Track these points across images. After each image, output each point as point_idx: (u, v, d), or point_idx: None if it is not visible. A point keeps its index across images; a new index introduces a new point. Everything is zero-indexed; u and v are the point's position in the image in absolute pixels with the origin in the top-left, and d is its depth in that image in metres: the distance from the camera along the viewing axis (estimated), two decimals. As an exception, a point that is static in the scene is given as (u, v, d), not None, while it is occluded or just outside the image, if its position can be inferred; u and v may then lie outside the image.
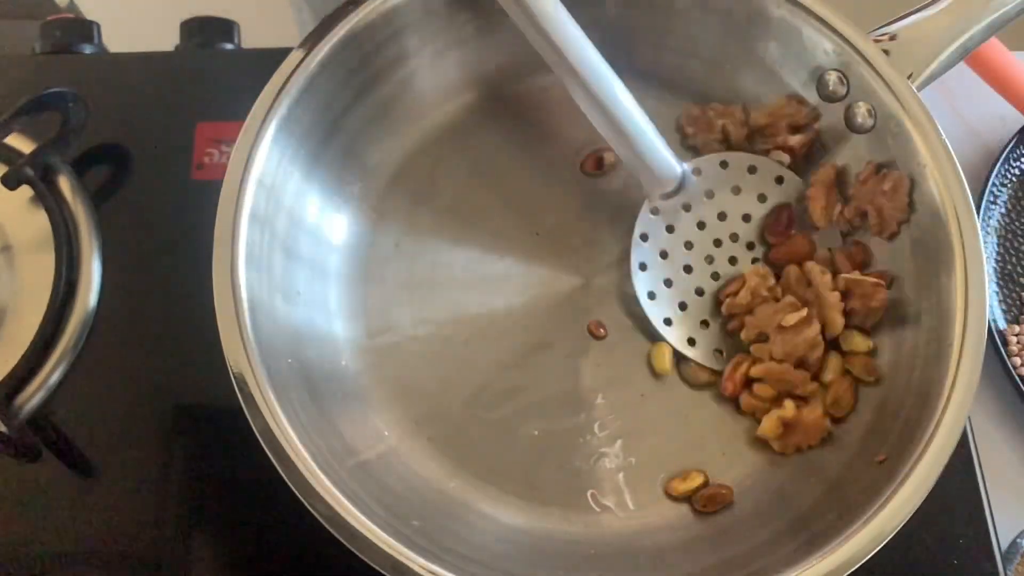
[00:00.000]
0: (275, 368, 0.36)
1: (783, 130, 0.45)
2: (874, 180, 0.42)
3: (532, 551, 0.39)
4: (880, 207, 0.42)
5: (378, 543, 0.33)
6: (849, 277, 0.41)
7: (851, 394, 0.41)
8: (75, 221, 0.48)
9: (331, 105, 0.42)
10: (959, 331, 0.37)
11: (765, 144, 0.45)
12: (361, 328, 0.43)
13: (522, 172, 0.47)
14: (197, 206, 0.48)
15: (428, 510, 0.39)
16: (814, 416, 0.40)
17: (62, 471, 0.43)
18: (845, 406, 0.41)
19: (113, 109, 0.51)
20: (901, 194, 0.41)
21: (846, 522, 0.34)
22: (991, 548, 0.43)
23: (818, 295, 0.41)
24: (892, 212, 0.41)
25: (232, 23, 0.56)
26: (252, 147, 0.38)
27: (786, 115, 0.44)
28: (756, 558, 0.36)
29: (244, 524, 0.42)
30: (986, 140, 0.57)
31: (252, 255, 0.37)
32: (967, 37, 0.41)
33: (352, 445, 0.39)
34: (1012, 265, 0.53)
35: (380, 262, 0.45)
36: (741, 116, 0.46)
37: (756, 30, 0.43)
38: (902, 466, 0.35)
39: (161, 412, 0.45)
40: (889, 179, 0.41)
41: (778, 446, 0.41)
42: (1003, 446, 0.49)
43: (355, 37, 0.41)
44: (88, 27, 0.55)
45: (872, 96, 0.41)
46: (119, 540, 0.42)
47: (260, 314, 0.37)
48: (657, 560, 0.39)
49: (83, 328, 0.46)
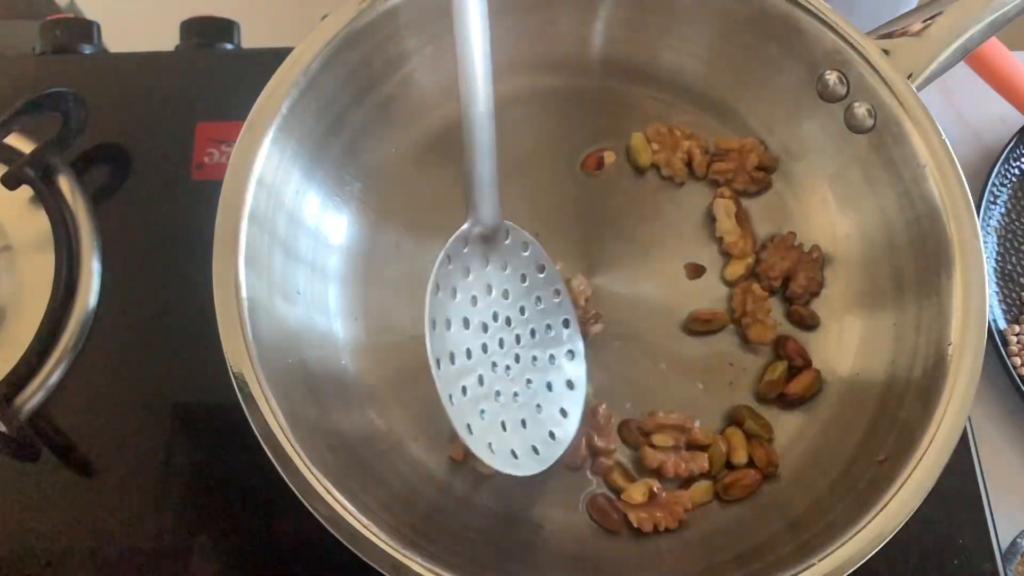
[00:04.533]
0: (275, 368, 0.36)
1: (744, 169, 0.46)
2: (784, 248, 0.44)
3: (534, 551, 0.39)
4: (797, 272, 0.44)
5: (378, 543, 0.33)
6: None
7: (748, 481, 0.40)
8: (75, 221, 0.48)
9: (331, 105, 0.42)
10: (959, 331, 0.37)
11: (718, 176, 0.46)
12: (361, 328, 0.43)
13: (521, 172, 0.46)
14: (197, 206, 0.48)
15: (429, 510, 0.39)
16: (677, 497, 0.40)
17: (62, 471, 0.43)
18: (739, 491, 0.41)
19: (113, 109, 0.51)
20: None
21: (846, 523, 0.34)
22: (991, 548, 0.43)
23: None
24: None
25: (232, 23, 0.56)
26: (252, 147, 0.38)
27: (752, 151, 0.46)
28: (754, 559, 0.36)
29: (244, 524, 0.42)
30: (986, 140, 0.57)
31: (252, 255, 0.37)
32: (967, 37, 0.41)
33: (352, 445, 0.39)
34: (1012, 265, 0.53)
35: (380, 262, 0.45)
36: (706, 144, 0.46)
37: (756, 30, 0.43)
38: (902, 466, 0.35)
39: (161, 412, 0.45)
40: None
41: (634, 516, 0.39)
42: (1003, 446, 0.49)
43: (355, 37, 0.41)
44: (88, 27, 0.55)
45: (872, 96, 0.41)
46: (119, 540, 0.42)
47: (260, 314, 0.37)
48: (654, 562, 0.39)
49: (83, 328, 0.46)
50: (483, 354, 0.39)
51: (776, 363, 0.43)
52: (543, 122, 0.48)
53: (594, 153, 0.47)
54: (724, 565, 0.37)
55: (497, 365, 0.39)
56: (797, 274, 0.44)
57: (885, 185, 0.42)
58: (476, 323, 0.39)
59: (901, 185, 0.41)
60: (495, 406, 0.38)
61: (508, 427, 0.38)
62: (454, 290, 0.39)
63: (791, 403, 0.42)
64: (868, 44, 0.41)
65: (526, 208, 0.46)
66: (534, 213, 0.46)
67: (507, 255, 0.40)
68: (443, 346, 0.37)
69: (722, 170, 0.46)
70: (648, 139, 0.47)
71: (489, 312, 0.40)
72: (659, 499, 0.40)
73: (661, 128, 0.47)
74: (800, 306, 0.44)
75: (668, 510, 0.40)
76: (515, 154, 0.47)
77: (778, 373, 0.42)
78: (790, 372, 0.43)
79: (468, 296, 0.39)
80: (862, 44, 0.41)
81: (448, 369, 0.37)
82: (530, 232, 0.42)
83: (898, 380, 0.40)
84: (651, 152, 0.47)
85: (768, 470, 0.41)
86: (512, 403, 0.39)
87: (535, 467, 0.38)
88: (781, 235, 0.45)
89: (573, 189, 0.47)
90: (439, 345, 0.37)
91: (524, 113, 0.47)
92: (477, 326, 0.39)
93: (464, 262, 0.39)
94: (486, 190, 0.38)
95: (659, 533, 0.40)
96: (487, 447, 0.37)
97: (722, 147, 0.47)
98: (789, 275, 0.44)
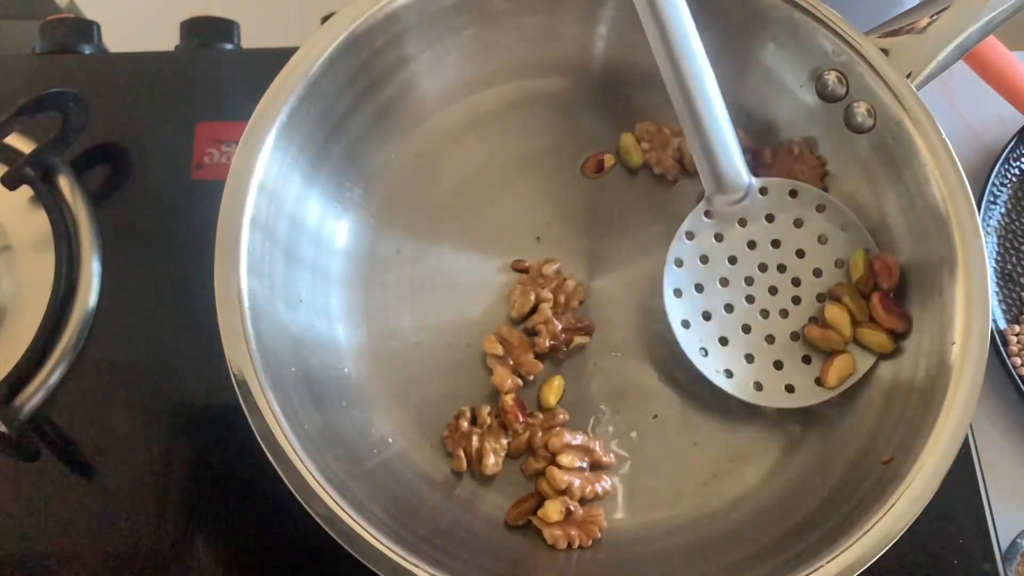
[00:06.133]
0: (277, 374, 0.36)
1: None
2: (783, 155, 0.45)
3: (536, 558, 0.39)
4: (797, 174, 0.44)
5: (377, 546, 0.33)
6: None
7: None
8: (75, 221, 0.48)
9: (332, 110, 0.42)
10: (961, 330, 0.37)
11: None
12: (363, 334, 0.43)
13: (523, 177, 0.47)
14: (197, 206, 0.48)
15: (433, 516, 0.39)
16: (593, 516, 0.40)
17: (62, 471, 0.44)
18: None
19: (113, 109, 0.51)
20: (808, 156, 0.44)
21: (851, 525, 0.34)
22: (991, 548, 0.43)
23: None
24: (809, 173, 0.44)
25: (232, 23, 0.56)
26: (253, 153, 0.38)
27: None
28: (760, 562, 0.36)
29: (244, 524, 0.42)
30: (986, 140, 0.57)
31: (254, 262, 0.37)
32: (965, 36, 0.41)
33: (355, 451, 0.39)
34: (1012, 265, 0.53)
35: (382, 267, 0.45)
36: None
37: (755, 31, 0.43)
38: (907, 467, 0.35)
39: (161, 412, 0.45)
40: (795, 146, 0.45)
41: (548, 534, 0.39)
42: (1003, 446, 0.49)
43: (356, 40, 0.40)
44: (88, 27, 0.55)
45: (872, 96, 0.41)
46: (119, 540, 0.42)
47: (262, 320, 0.36)
48: (655, 563, 0.39)
49: (83, 328, 0.46)
50: (748, 305, 0.42)
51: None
52: (545, 125, 0.47)
53: (594, 156, 0.47)
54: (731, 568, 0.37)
55: (769, 312, 0.42)
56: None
57: (885, 185, 0.42)
58: (737, 279, 0.42)
59: (902, 185, 0.41)
60: (764, 347, 0.42)
61: (783, 366, 0.42)
62: (704, 257, 0.42)
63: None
64: (867, 44, 0.41)
65: (527, 211, 0.46)
66: (535, 216, 0.46)
67: (771, 207, 0.42)
68: (695, 308, 0.42)
69: None
70: (638, 139, 0.47)
71: (752, 266, 0.42)
72: (575, 516, 0.39)
73: (650, 127, 0.47)
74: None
75: (583, 528, 0.39)
76: (516, 156, 0.47)
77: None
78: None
79: (723, 258, 0.42)
80: (861, 44, 0.41)
81: (701, 326, 0.42)
82: (532, 236, 0.42)
83: (902, 380, 0.40)
84: (642, 152, 0.47)
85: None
86: (786, 343, 0.42)
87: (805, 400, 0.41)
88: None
89: (574, 192, 0.47)
90: (689, 308, 0.42)
91: (525, 116, 0.47)
92: (738, 282, 0.42)
93: (713, 229, 0.42)
94: (720, 154, 0.40)
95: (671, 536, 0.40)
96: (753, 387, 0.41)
97: None
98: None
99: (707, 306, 0.42)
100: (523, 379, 0.42)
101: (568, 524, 0.39)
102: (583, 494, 0.40)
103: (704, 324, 0.42)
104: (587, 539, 0.39)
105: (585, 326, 0.43)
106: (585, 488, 0.40)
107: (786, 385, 0.41)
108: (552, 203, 0.46)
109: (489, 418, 0.41)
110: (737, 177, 0.41)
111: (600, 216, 0.46)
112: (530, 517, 0.40)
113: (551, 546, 0.39)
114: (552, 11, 0.45)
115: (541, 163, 0.47)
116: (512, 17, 0.44)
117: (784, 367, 0.42)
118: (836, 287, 0.42)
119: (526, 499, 0.40)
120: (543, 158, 0.47)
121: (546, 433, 0.41)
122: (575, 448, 0.41)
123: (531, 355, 0.42)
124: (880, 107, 0.41)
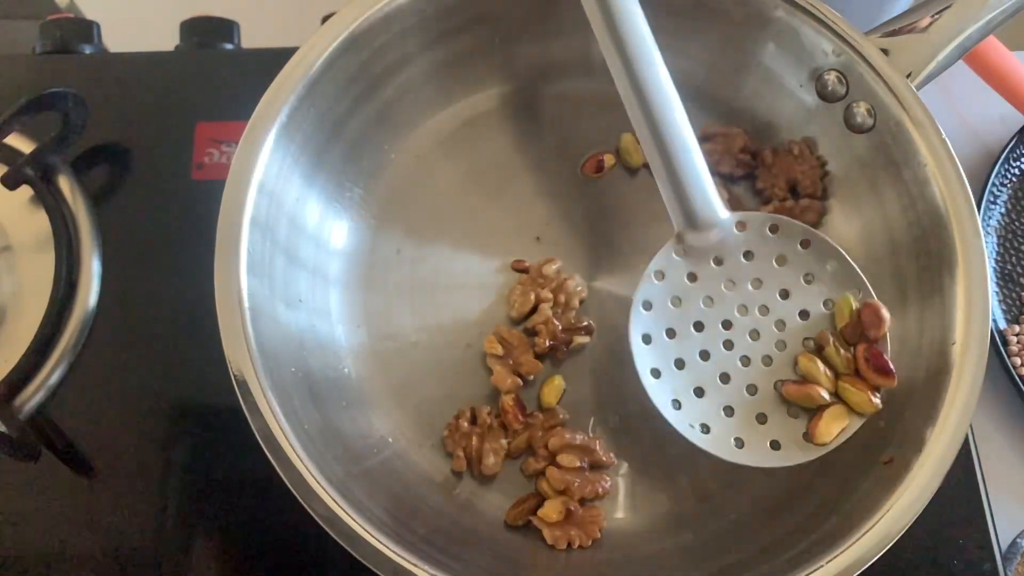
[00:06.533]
0: (277, 374, 0.36)
1: (729, 152, 0.46)
2: (783, 155, 0.44)
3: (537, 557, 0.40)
4: (797, 174, 0.44)
5: (377, 546, 0.33)
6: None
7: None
8: (75, 221, 0.48)
9: (331, 110, 0.42)
10: (961, 330, 0.37)
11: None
12: (363, 334, 0.43)
13: (522, 177, 0.46)
14: (197, 206, 0.48)
15: (433, 516, 0.39)
16: (593, 516, 0.40)
17: (62, 471, 0.44)
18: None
19: (113, 109, 0.51)
20: (808, 156, 0.44)
21: (851, 525, 0.34)
22: (991, 548, 0.43)
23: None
24: (809, 173, 0.43)
25: (232, 23, 0.56)
26: (253, 153, 0.38)
27: (736, 136, 0.46)
28: (760, 562, 0.36)
29: (244, 524, 0.42)
30: (986, 140, 0.57)
31: (254, 262, 0.37)
32: (965, 36, 0.41)
33: (355, 451, 0.39)
34: (1012, 265, 0.53)
35: (382, 268, 0.45)
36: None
37: (755, 31, 0.43)
38: (908, 467, 0.35)
39: (161, 412, 0.45)
40: (795, 146, 0.44)
41: (548, 534, 0.39)
42: (1003, 446, 0.49)
43: (356, 40, 0.40)
44: (88, 27, 0.55)
45: (872, 96, 0.41)
46: (119, 540, 0.42)
47: (262, 321, 0.36)
48: (655, 564, 0.39)
49: (83, 328, 0.46)
50: (727, 351, 0.38)
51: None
52: (544, 125, 0.47)
53: (594, 156, 0.47)
54: (731, 568, 0.37)
55: (751, 359, 0.38)
56: (802, 181, 0.45)
57: (885, 185, 0.42)
58: (713, 323, 0.38)
59: (902, 185, 0.41)
60: (745, 399, 0.38)
61: (767, 419, 0.37)
62: (677, 299, 0.38)
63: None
64: (867, 44, 0.41)
65: (527, 211, 0.46)
66: (535, 216, 0.46)
67: (750, 243, 0.38)
68: (667, 355, 0.38)
69: (707, 151, 0.45)
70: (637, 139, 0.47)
71: (731, 308, 0.38)
72: (575, 516, 0.39)
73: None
74: (815, 199, 0.45)
75: (583, 528, 0.39)
76: (516, 156, 0.47)
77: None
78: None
79: (698, 300, 0.38)
80: (861, 44, 0.41)
81: (673, 376, 0.37)
82: (532, 236, 0.42)
83: (901, 380, 0.40)
84: (642, 152, 0.46)
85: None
86: (769, 394, 0.38)
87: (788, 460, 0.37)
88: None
89: (574, 192, 0.47)
90: (660, 355, 0.37)
91: (525, 116, 0.47)
92: (714, 326, 0.38)
93: (686, 268, 0.38)
94: (690, 187, 0.37)
95: (671, 536, 0.40)
96: (731, 443, 0.37)
97: (707, 132, 0.46)
98: (794, 182, 0.45)
99: (680, 353, 0.38)
100: (523, 379, 0.42)
101: (568, 524, 0.39)
102: (583, 494, 0.40)
103: (677, 373, 0.38)
104: (587, 539, 0.39)
105: (585, 326, 0.43)
106: (585, 488, 0.40)
107: (771, 441, 0.37)
108: (552, 203, 0.46)
109: (489, 418, 0.41)
110: (711, 212, 0.37)
111: (600, 216, 0.46)
112: (530, 517, 0.40)
113: (551, 546, 0.39)
114: (552, 11, 0.45)
115: (541, 163, 0.47)
116: (512, 17, 0.44)
117: (768, 421, 0.38)
118: (820, 335, 0.38)
119: (526, 499, 0.40)
120: (543, 158, 0.47)
121: (546, 433, 0.41)
122: (575, 448, 0.41)
123: (531, 355, 0.42)
124: (880, 107, 0.41)
